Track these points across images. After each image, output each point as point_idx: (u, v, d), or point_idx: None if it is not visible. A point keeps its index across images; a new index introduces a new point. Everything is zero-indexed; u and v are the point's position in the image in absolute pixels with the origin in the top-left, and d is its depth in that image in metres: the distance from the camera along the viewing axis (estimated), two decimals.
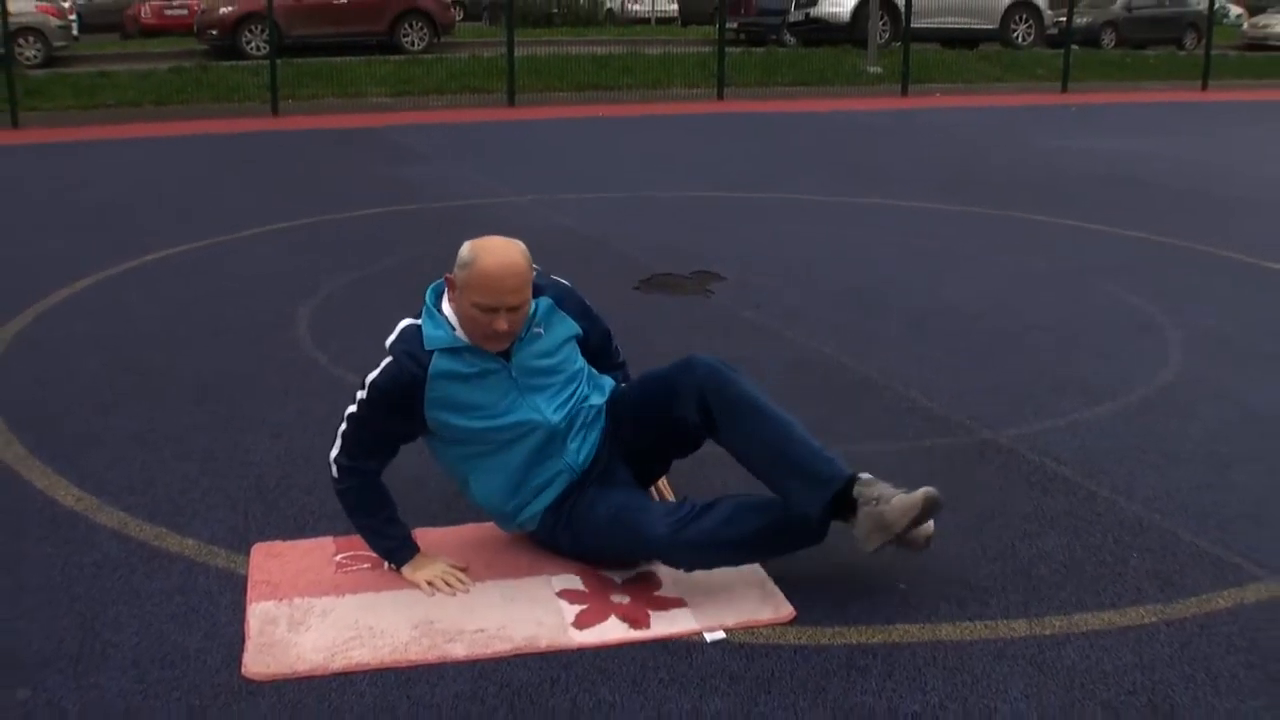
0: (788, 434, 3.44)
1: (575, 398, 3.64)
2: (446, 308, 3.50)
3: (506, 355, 3.52)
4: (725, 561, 3.47)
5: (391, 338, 3.54)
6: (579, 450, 3.61)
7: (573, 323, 3.71)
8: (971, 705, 3.00)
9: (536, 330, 3.59)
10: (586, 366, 3.76)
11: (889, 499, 3.32)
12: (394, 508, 3.60)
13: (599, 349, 3.89)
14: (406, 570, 3.55)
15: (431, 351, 3.46)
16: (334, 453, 3.54)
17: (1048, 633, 3.32)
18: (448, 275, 3.47)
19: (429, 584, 3.50)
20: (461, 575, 3.55)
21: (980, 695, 3.04)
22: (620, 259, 7.69)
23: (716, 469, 3.94)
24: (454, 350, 3.47)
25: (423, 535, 3.71)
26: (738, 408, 3.47)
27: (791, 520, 3.42)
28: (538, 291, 3.59)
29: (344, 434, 3.53)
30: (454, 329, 3.47)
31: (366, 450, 3.55)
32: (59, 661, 3.18)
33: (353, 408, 3.51)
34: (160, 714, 2.96)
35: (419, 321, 3.52)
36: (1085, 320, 6.43)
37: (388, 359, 3.49)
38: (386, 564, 3.59)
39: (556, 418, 3.56)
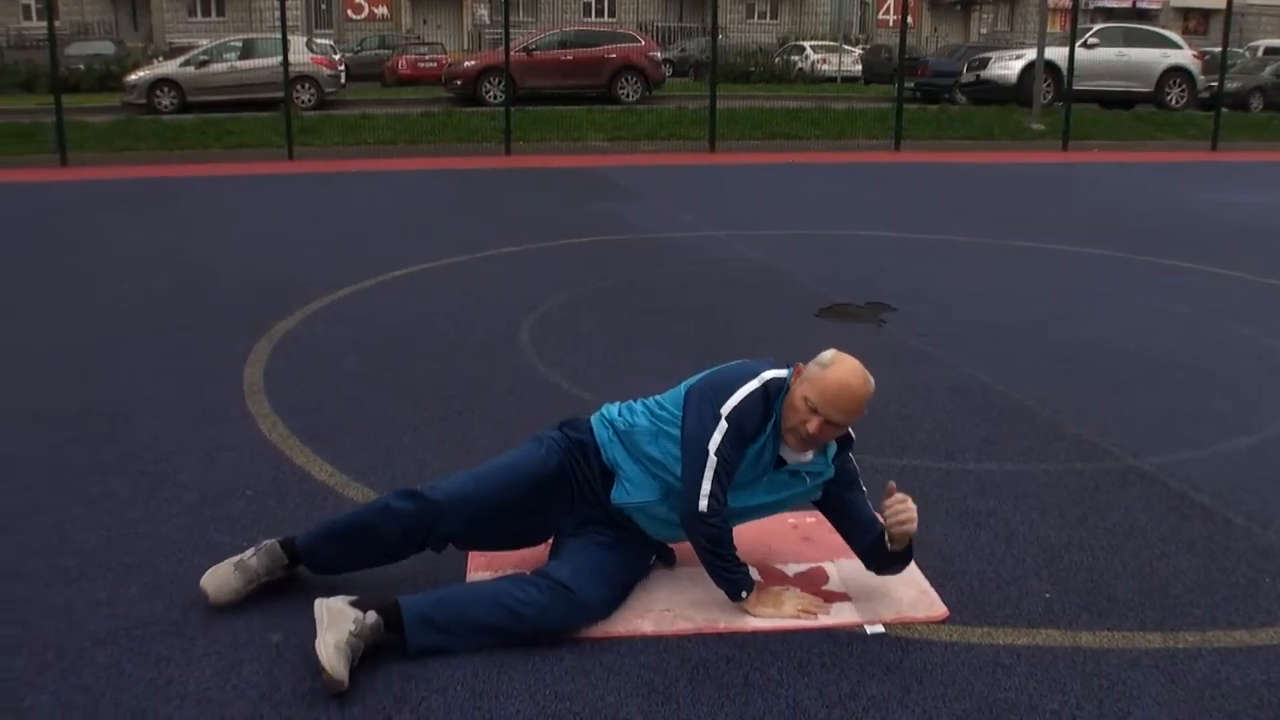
0: None
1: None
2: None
3: (781, 462, 3.33)
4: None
5: (756, 384, 3.25)
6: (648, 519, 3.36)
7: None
8: (1106, 708, 2.89)
9: (811, 482, 3.38)
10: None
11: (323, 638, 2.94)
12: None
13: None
14: (756, 602, 3.27)
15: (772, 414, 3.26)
16: (707, 488, 3.15)
17: (1181, 646, 3.18)
18: (798, 364, 3.30)
19: (801, 613, 3.26)
20: (820, 602, 3.34)
21: (1115, 700, 2.93)
22: (803, 289, 7.63)
23: None
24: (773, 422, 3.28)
25: None
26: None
27: None
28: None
29: (716, 470, 3.17)
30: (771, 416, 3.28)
31: (728, 477, 3.22)
32: (306, 613, 3.26)
33: (717, 440, 3.18)
34: (391, 663, 3.02)
35: (781, 379, 3.29)
36: (1223, 360, 6.15)
37: (753, 389, 3.25)
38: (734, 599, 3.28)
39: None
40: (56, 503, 4.06)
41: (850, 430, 3.39)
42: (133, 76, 25.36)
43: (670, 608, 3.32)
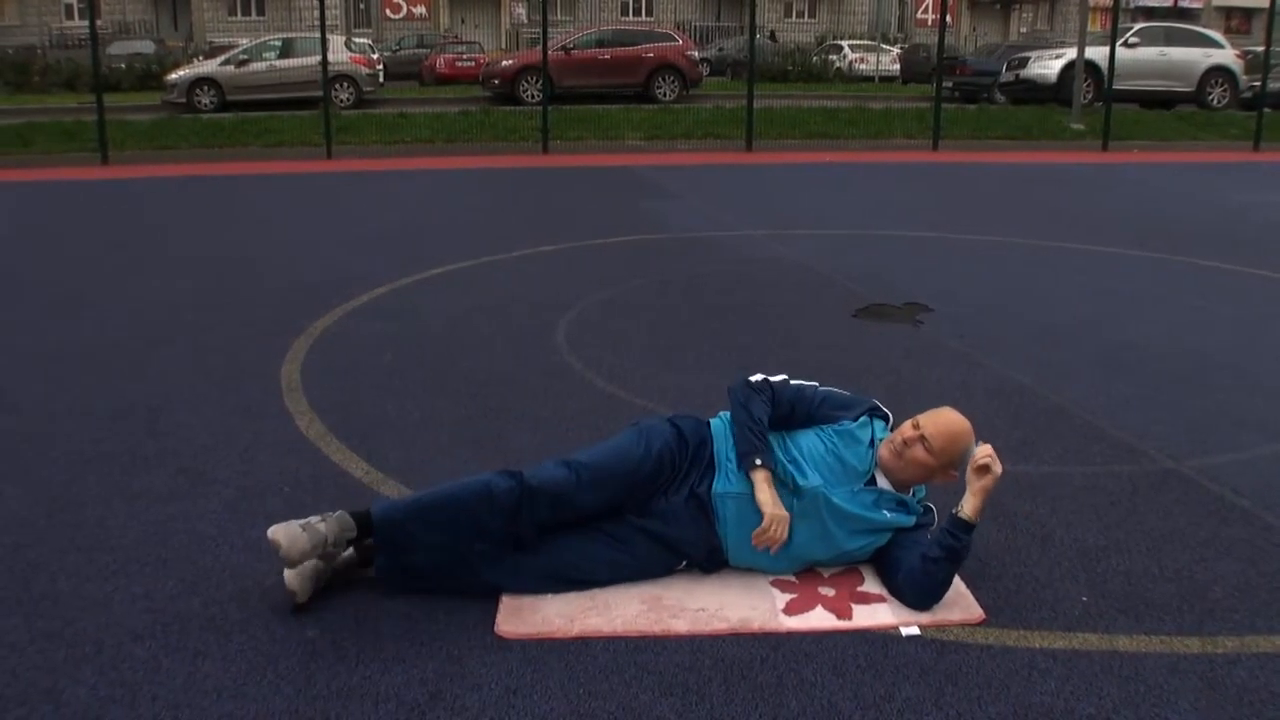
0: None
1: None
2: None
3: (873, 481, 3.51)
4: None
5: (862, 398, 3.75)
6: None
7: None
8: (1143, 713, 2.87)
9: (890, 517, 3.48)
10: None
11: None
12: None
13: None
14: (759, 477, 3.36)
15: (864, 418, 3.62)
16: (769, 376, 3.62)
17: (1220, 651, 3.16)
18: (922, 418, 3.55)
19: (770, 519, 3.30)
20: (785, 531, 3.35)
21: (1152, 705, 2.91)
22: (840, 289, 7.61)
23: None
24: (872, 441, 3.57)
25: None
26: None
27: None
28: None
29: (786, 379, 3.65)
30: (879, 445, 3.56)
31: (788, 394, 3.60)
32: (343, 609, 3.30)
33: (813, 384, 3.71)
34: (426, 660, 3.05)
35: (888, 417, 3.68)
36: (1265, 362, 6.09)
37: (856, 395, 3.78)
38: (741, 464, 3.41)
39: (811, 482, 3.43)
40: (96, 497, 4.10)
41: (934, 511, 3.57)
42: (173, 75, 25.58)
43: (704, 608, 3.32)
